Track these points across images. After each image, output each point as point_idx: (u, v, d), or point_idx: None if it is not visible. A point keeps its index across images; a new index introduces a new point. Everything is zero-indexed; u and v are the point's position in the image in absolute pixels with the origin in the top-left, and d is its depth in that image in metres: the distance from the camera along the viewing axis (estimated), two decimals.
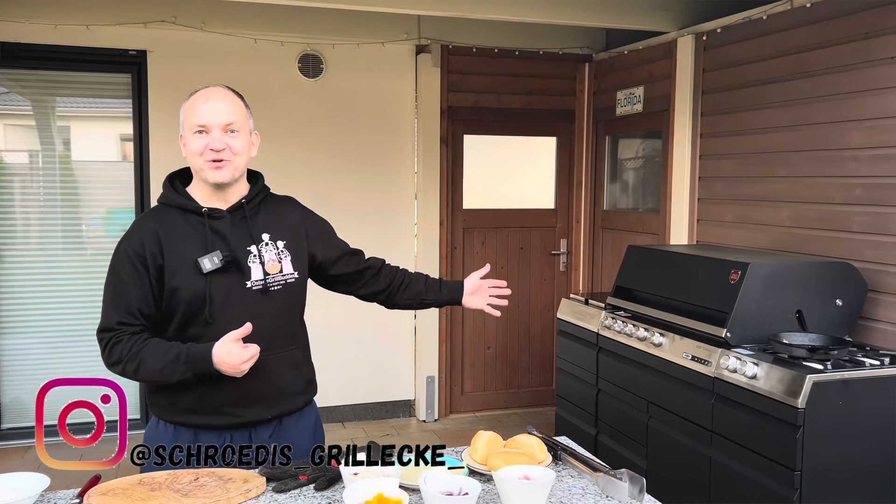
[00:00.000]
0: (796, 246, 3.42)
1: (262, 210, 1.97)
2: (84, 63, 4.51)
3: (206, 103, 1.87)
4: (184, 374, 1.77)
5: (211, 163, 1.85)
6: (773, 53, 3.56)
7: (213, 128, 1.85)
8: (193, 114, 1.87)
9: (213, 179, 1.86)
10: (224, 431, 1.90)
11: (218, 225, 1.88)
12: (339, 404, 4.95)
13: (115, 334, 1.83)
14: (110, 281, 1.87)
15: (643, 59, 4.60)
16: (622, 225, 4.93)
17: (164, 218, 1.89)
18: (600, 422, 3.64)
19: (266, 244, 1.92)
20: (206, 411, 1.87)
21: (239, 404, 1.88)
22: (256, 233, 1.92)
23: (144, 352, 1.80)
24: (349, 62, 4.79)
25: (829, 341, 2.78)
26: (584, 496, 1.70)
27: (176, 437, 1.89)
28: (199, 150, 1.85)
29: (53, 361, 4.62)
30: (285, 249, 1.95)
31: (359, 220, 4.79)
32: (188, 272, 1.83)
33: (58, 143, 4.62)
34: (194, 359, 1.77)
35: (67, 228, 4.64)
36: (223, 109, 1.86)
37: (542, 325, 5.33)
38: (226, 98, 1.89)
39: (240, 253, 1.88)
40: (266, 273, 1.89)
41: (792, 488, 2.48)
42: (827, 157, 3.29)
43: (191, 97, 1.91)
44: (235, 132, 1.87)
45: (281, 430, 1.97)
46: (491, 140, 5.21)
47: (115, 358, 1.82)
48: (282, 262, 1.93)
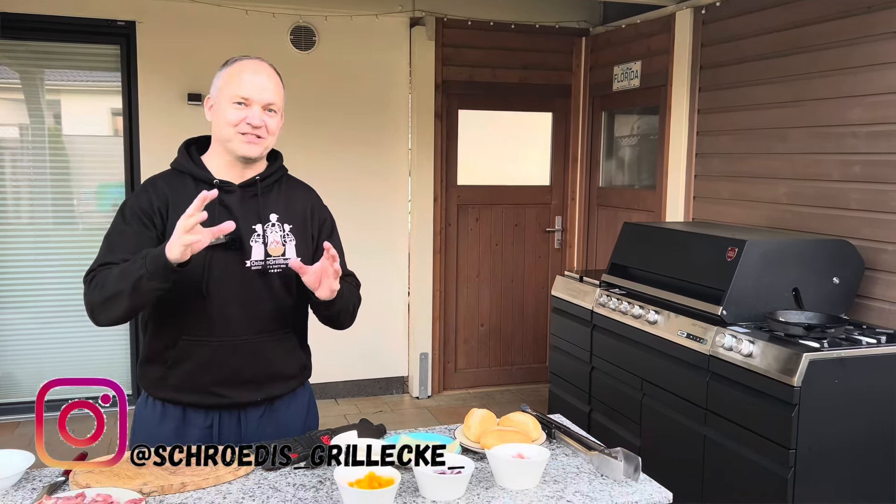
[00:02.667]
0: (793, 223, 3.40)
1: (275, 190, 1.93)
2: (71, 34, 4.41)
3: (255, 76, 1.82)
4: (140, 269, 1.62)
5: (243, 135, 1.81)
6: (772, 28, 3.51)
7: (256, 103, 1.80)
8: (237, 84, 1.81)
9: (244, 153, 1.82)
10: (211, 411, 1.87)
11: (228, 199, 1.84)
12: (332, 381, 4.93)
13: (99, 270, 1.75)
14: (110, 233, 1.82)
15: (641, 33, 4.53)
16: (618, 202, 4.89)
17: (176, 183, 1.85)
18: (594, 399, 3.63)
19: (273, 225, 1.88)
20: (194, 389, 1.84)
21: (227, 385, 1.85)
22: (265, 212, 1.88)
23: (113, 271, 1.71)
24: (342, 35, 4.71)
25: (826, 319, 2.76)
26: (579, 475, 1.68)
27: (164, 415, 1.86)
28: (235, 122, 1.80)
29: (45, 337, 4.59)
30: (291, 234, 1.90)
31: (352, 196, 4.75)
32: None
33: (48, 117, 4.54)
34: (149, 253, 1.64)
35: (58, 203, 4.58)
36: (269, 87, 1.83)
37: (536, 303, 5.31)
38: (273, 77, 1.86)
39: (244, 230, 1.83)
40: (267, 254, 1.85)
41: (787, 466, 2.47)
42: (826, 133, 3.25)
43: (234, 64, 1.85)
44: (273, 112, 1.84)
45: (271, 411, 1.93)
46: (486, 115, 5.15)
47: (88, 291, 1.74)
48: (286, 245, 1.88)
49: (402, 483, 1.54)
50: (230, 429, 1.89)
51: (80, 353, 4.65)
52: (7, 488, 1.57)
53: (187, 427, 1.86)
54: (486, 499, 1.54)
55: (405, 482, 1.57)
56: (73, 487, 1.55)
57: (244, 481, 1.61)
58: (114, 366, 4.71)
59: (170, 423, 1.86)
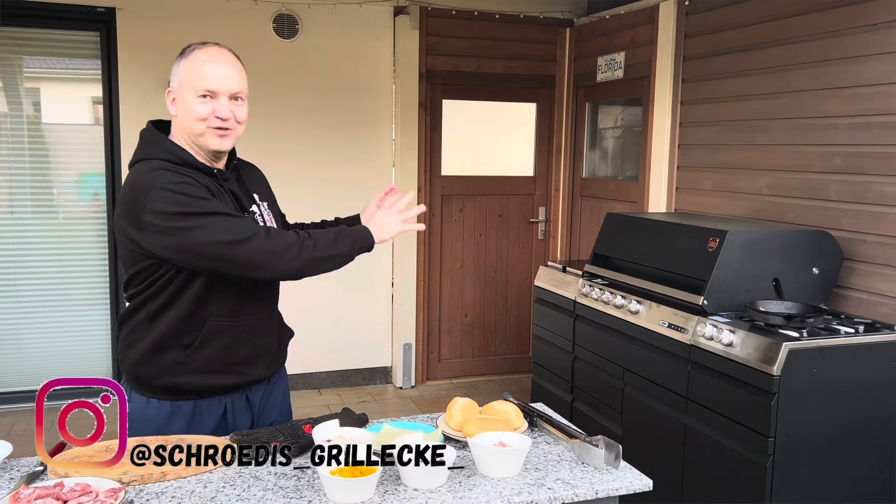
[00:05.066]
0: (774, 214, 3.42)
1: (241, 172, 1.97)
2: (50, 20, 4.35)
3: (217, 66, 1.77)
4: (353, 243, 1.81)
5: (213, 130, 1.77)
6: (755, 19, 3.52)
7: (222, 95, 1.77)
8: (200, 75, 1.75)
9: (216, 147, 1.79)
10: (224, 397, 1.86)
11: (228, 186, 1.86)
12: (315, 371, 4.92)
13: (268, 227, 1.78)
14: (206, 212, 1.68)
15: (625, 24, 4.54)
16: (601, 193, 4.90)
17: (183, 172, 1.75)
18: (576, 389, 3.65)
19: (257, 204, 1.94)
20: (215, 370, 1.81)
21: (246, 363, 1.87)
22: (251, 193, 1.94)
23: (310, 232, 1.79)
24: (325, 23, 4.68)
25: (805, 309, 2.79)
26: (560, 462, 1.69)
27: (173, 414, 1.80)
28: (204, 116, 1.76)
29: (24, 327, 4.54)
30: (269, 210, 1.97)
31: (335, 185, 4.72)
32: None
33: (26, 105, 4.48)
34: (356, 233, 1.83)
35: (37, 193, 4.52)
36: (233, 76, 1.79)
37: (520, 293, 5.32)
38: (235, 63, 1.81)
39: (247, 212, 1.89)
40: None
41: (765, 454, 2.49)
42: (806, 125, 3.27)
43: (192, 54, 1.78)
44: (240, 101, 1.81)
45: (269, 389, 1.98)
46: (470, 105, 5.14)
47: (287, 241, 1.73)
48: (273, 221, 1.95)
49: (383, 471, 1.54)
50: (241, 411, 1.90)
51: (60, 343, 4.61)
52: None
53: (200, 420, 1.82)
54: (468, 487, 1.54)
55: (387, 470, 1.57)
56: (51, 477, 1.53)
57: (225, 470, 1.61)
58: (94, 355, 4.67)
59: (180, 420, 1.81)
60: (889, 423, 2.62)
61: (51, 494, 1.39)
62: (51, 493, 1.40)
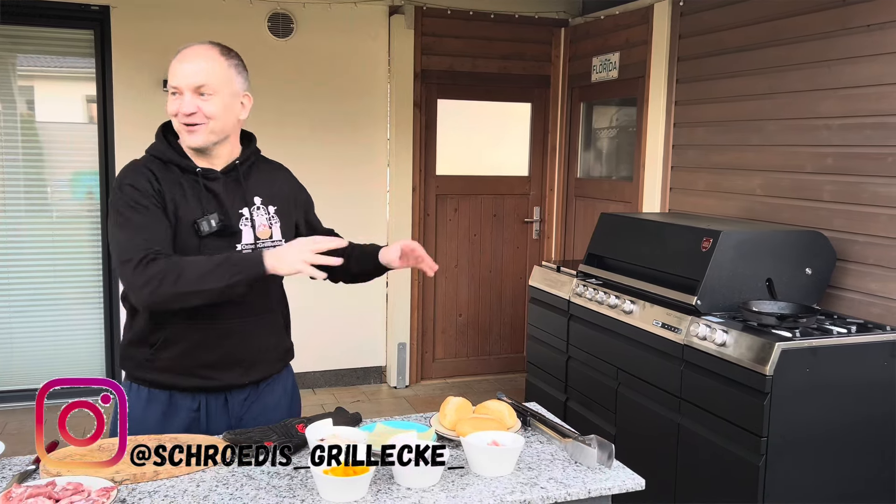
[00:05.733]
0: (768, 214, 3.43)
1: (254, 173, 1.93)
2: (44, 18, 4.34)
3: (181, 64, 1.79)
4: (234, 276, 1.65)
5: (183, 126, 1.80)
6: (749, 20, 3.53)
7: (184, 90, 1.78)
8: (171, 73, 1.81)
9: (186, 143, 1.82)
10: (198, 394, 1.86)
11: (213, 185, 1.84)
12: (310, 370, 4.92)
13: (149, 254, 1.66)
14: (127, 215, 1.72)
15: (619, 24, 4.54)
16: (595, 193, 4.91)
17: (159, 170, 1.81)
18: (570, 388, 3.65)
19: (258, 208, 1.89)
20: (181, 371, 1.83)
21: (216, 367, 1.85)
22: (249, 196, 1.88)
23: (185, 262, 1.67)
24: (320, 22, 4.68)
25: (798, 309, 2.80)
26: (553, 462, 1.69)
27: (150, 399, 1.85)
28: (173, 112, 1.81)
29: (17, 326, 4.53)
30: (276, 215, 1.92)
31: (330, 185, 4.72)
32: (183, 230, 1.78)
33: (20, 104, 4.47)
34: (243, 259, 1.68)
35: (31, 191, 4.50)
36: (195, 70, 1.78)
37: (514, 293, 5.32)
38: (204, 58, 1.79)
39: (232, 215, 1.84)
40: (257, 238, 1.86)
41: (758, 454, 2.50)
42: (800, 125, 3.28)
43: (175, 56, 1.83)
44: (207, 95, 1.78)
45: (256, 394, 1.94)
46: (465, 105, 5.14)
47: (150, 273, 1.64)
48: (272, 227, 1.89)
49: (376, 470, 1.54)
50: (217, 411, 1.89)
51: (53, 342, 4.59)
52: None
53: (174, 411, 1.85)
54: (461, 486, 1.54)
55: (380, 469, 1.57)
56: (43, 476, 1.53)
57: (218, 469, 1.61)
58: (87, 354, 4.66)
59: (156, 407, 1.85)
60: (882, 423, 2.63)
61: (43, 493, 1.39)
62: (43, 491, 1.40)
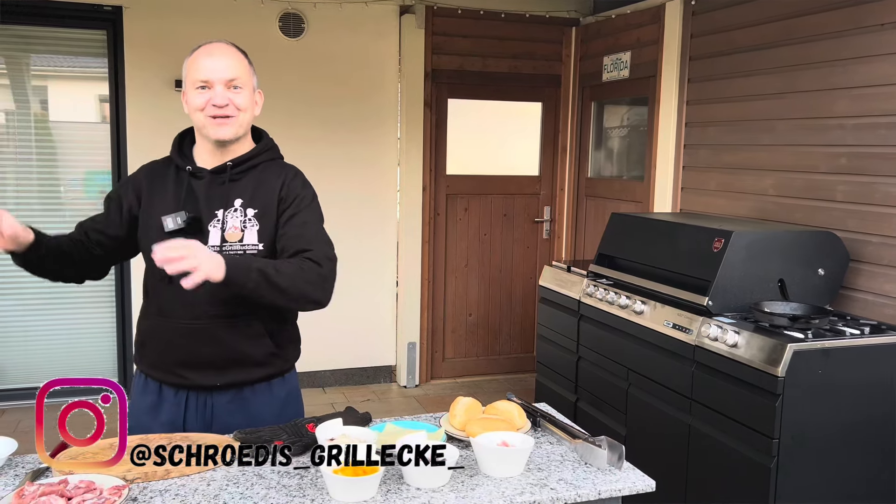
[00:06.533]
0: (780, 215, 3.41)
1: (250, 174, 1.89)
2: (58, 18, 4.36)
3: (209, 58, 1.83)
4: None
5: (212, 119, 1.82)
6: (761, 19, 3.51)
7: (216, 83, 1.81)
8: (196, 69, 1.83)
9: (216, 136, 1.84)
10: (181, 391, 1.90)
11: (196, 184, 1.86)
12: (320, 369, 4.93)
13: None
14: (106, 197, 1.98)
15: (631, 23, 4.53)
16: (606, 192, 4.90)
17: (163, 170, 1.93)
18: (580, 389, 3.64)
19: (235, 210, 1.85)
20: (162, 368, 1.90)
21: (188, 367, 1.87)
22: (230, 197, 1.86)
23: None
24: (331, 22, 4.68)
25: (811, 310, 2.78)
26: (563, 463, 1.69)
27: (145, 387, 1.94)
28: (201, 106, 1.82)
29: (31, 324, 4.56)
30: (254, 219, 1.86)
31: (340, 185, 4.73)
32: (154, 228, 1.84)
33: (34, 103, 4.50)
34: None
35: (44, 190, 4.54)
36: (226, 65, 1.83)
37: (525, 293, 5.32)
38: (229, 53, 1.85)
39: (205, 215, 1.84)
40: (224, 240, 1.83)
41: (770, 456, 2.49)
42: (813, 125, 3.26)
43: (193, 52, 1.86)
44: (239, 88, 1.83)
45: (241, 399, 1.91)
46: (475, 105, 5.14)
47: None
48: (245, 230, 1.84)
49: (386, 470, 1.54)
50: (198, 411, 1.90)
51: (66, 341, 4.62)
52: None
53: (162, 402, 1.91)
54: (471, 486, 1.54)
55: (389, 469, 1.57)
56: (56, 474, 1.54)
57: (229, 468, 1.61)
58: (100, 352, 4.69)
59: (149, 395, 1.92)
60: (894, 425, 2.61)
61: (55, 491, 1.40)
62: (55, 489, 1.41)
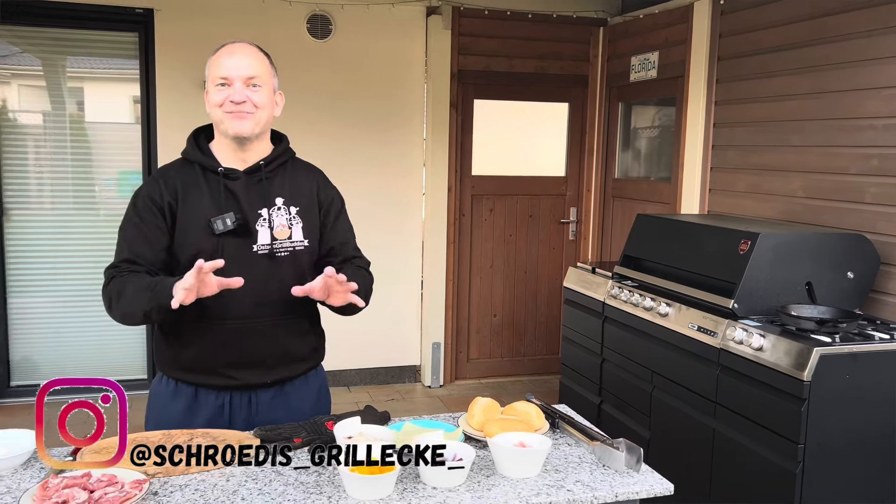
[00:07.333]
0: (809, 217, 3.36)
1: (280, 174, 1.95)
2: (91, 21, 4.45)
3: (231, 57, 1.87)
4: (149, 302, 1.73)
5: (229, 114, 1.84)
6: (791, 18, 3.46)
7: (235, 80, 1.84)
8: (217, 66, 1.87)
9: (233, 131, 1.85)
10: (223, 392, 1.90)
11: (233, 185, 1.88)
12: (345, 368, 4.96)
13: (117, 270, 1.84)
14: (126, 223, 1.89)
15: (659, 23, 4.49)
16: (633, 193, 4.86)
17: (185, 171, 1.91)
18: (604, 391, 3.62)
19: (278, 209, 1.90)
20: (203, 370, 1.88)
21: (237, 367, 1.88)
22: (270, 196, 1.90)
23: (129, 283, 1.79)
24: (358, 23, 4.71)
25: (839, 314, 2.73)
26: (581, 465, 1.68)
27: (176, 393, 1.90)
28: (219, 102, 1.85)
29: (64, 321, 4.65)
30: (297, 216, 1.92)
31: (366, 185, 4.76)
32: (199, 230, 1.84)
33: (69, 104, 4.59)
34: (161, 284, 1.73)
35: (79, 189, 4.62)
36: (246, 63, 1.86)
37: (550, 294, 5.30)
38: (250, 53, 1.89)
39: (250, 215, 1.87)
40: (274, 238, 1.88)
41: (795, 461, 2.45)
42: (843, 125, 3.21)
43: (216, 51, 1.90)
44: (258, 87, 1.86)
45: (282, 394, 1.96)
46: (501, 105, 5.13)
47: (106, 294, 1.83)
48: (292, 228, 1.91)
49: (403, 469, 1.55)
50: (241, 410, 1.91)
51: (97, 338, 4.71)
52: (16, 467, 1.60)
53: (199, 406, 1.89)
54: (487, 486, 1.54)
55: (406, 467, 1.58)
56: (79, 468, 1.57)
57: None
58: (130, 350, 4.77)
59: (182, 400, 1.90)
60: None
61: (78, 484, 1.43)
62: (78, 482, 1.44)
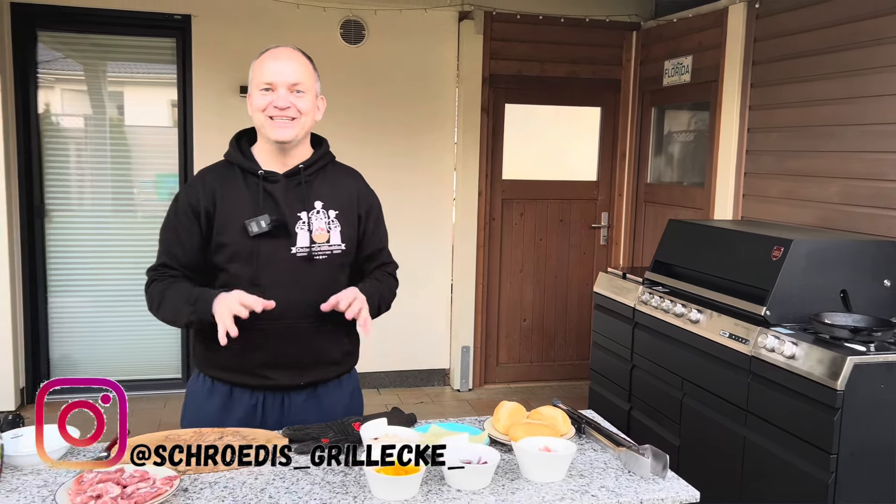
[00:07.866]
0: (844, 223, 3.30)
1: (320, 177, 1.97)
2: (131, 27, 4.56)
3: (275, 62, 1.88)
4: (190, 315, 1.82)
5: (271, 120, 1.86)
6: (826, 22, 3.41)
7: (280, 86, 1.86)
8: (261, 71, 1.88)
9: (276, 137, 1.87)
10: (256, 392, 1.93)
11: (272, 188, 1.90)
12: (375, 371, 4.99)
13: (157, 273, 1.93)
14: (165, 224, 1.94)
15: (692, 27, 4.46)
16: (665, 199, 4.82)
17: (226, 174, 1.93)
18: (634, 397, 3.60)
19: (317, 212, 1.92)
20: (238, 370, 1.91)
21: (270, 367, 1.91)
22: (310, 199, 1.92)
23: (169, 291, 1.87)
24: (391, 28, 4.75)
25: (874, 322, 2.68)
26: (606, 470, 1.68)
27: (212, 391, 1.94)
28: (262, 106, 1.86)
29: (102, 320, 4.76)
30: (336, 220, 1.94)
31: (397, 188, 4.78)
32: (236, 232, 1.86)
33: (109, 108, 4.70)
34: (201, 300, 1.81)
35: (118, 192, 4.73)
36: (291, 69, 1.87)
37: (580, 299, 5.28)
38: (294, 58, 1.90)
39: (289, 218, 1.89)
40: (312, 241, 1.90)
41: (828, 471, 2.41)
42: (880, 131, 3.15)
43: (261, 55, 1.92)
44: (302, 92, 1.88)
45: (315, 397, 1.98)
46: (533, 109, 5.13)
47: (148, 295, 1.92)
48: (330, 231, 1.92)
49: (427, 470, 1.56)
50: (274, 410, 1.94)
51: (134, 337, 4.80)
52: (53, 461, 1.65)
53: (233, 404, 1.92)
54: (511, 490, 1.55)
55: (431, 469, 1.59)
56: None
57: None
58: (166, 350, 4.86)
59: (217, 398, 1.93)
60: None
61: (112, 479, 1.47)
62: (112, 477, 1.48)
